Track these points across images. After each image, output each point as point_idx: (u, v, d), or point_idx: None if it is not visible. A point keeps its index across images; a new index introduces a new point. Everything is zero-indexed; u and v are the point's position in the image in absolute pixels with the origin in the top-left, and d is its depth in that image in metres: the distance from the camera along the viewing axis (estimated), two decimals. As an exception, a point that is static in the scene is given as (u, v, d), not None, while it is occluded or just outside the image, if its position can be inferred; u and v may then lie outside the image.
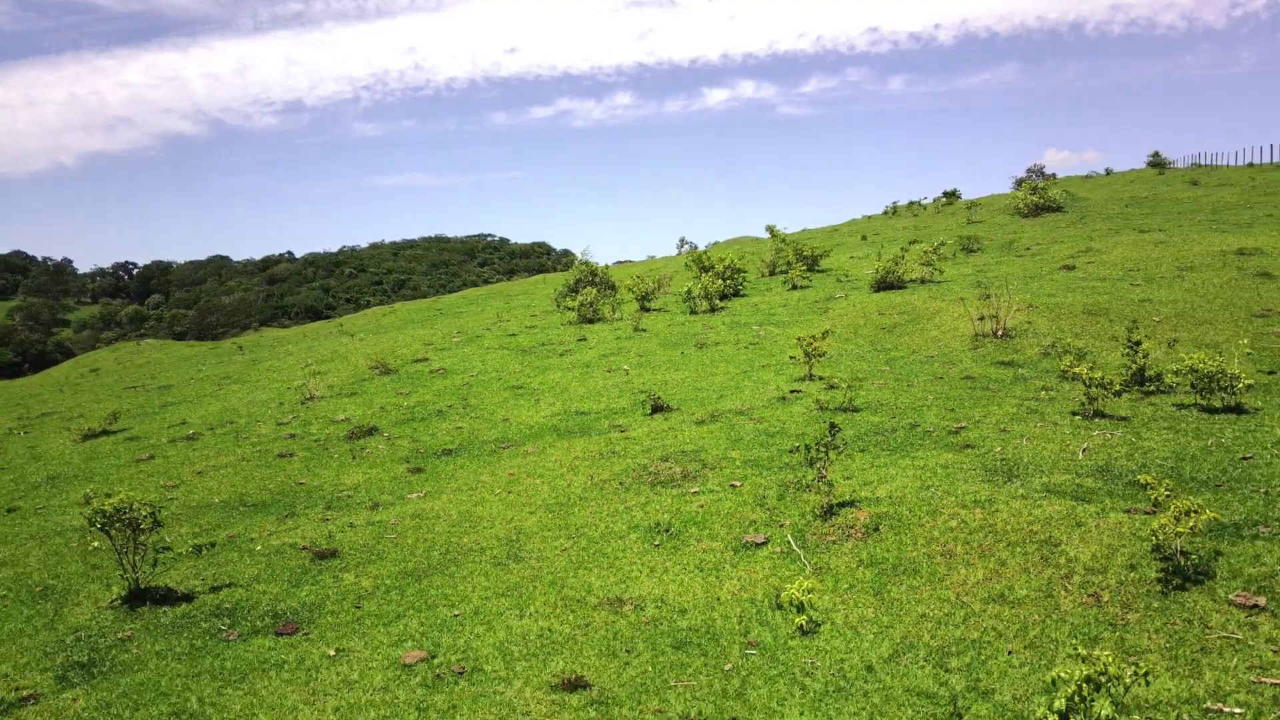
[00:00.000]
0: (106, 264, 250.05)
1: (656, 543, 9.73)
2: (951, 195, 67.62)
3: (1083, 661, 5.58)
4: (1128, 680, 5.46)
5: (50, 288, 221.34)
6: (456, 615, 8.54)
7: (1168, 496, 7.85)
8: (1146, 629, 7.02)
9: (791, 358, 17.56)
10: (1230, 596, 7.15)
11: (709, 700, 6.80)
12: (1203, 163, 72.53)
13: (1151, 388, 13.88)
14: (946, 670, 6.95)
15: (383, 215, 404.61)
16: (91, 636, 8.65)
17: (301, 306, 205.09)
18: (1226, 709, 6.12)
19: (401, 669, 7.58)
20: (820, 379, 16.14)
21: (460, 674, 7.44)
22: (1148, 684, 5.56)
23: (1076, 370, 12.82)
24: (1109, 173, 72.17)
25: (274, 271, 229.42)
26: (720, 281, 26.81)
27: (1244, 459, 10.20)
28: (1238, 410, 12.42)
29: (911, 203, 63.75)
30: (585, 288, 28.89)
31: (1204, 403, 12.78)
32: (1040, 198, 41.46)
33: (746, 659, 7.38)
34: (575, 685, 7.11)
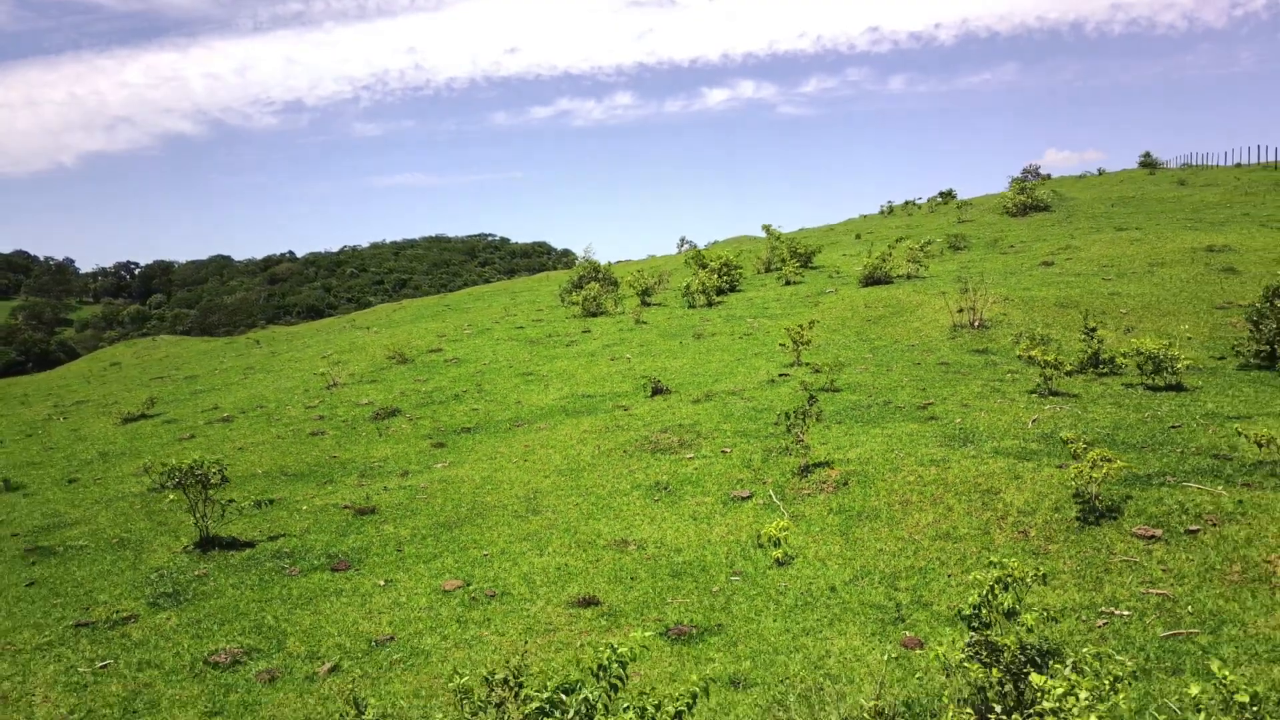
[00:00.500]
0: (107, 264, 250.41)
1: (656, 498, 11.21)
2: (947, 195, 69.00)
3: (994, 568, 7.04)
4: (1029, 580, 6.92)
5: (52, 287, 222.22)
6: (485, 555, 10.03)
7: (1084, 449, 9.32)
8: (1062, 555, 8.50)
9: (781, 346, 19.03)
10: (1133, 530, 8.63)
11: (699, 612, 8.28)
12: (1193, 163, 73.95)
13: (1105, 370, 15.36)
14: (896, 590, 8.43)
15: (383, 215, 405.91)
16: (172, 574, 10.13)
17: (303, 306, 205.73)
18: (1119, 612, 7.60)
19: (442, 594, 9.07)
20: (807, 365, 17.61)
21: (492, 597, 8.92)
22: (1045, 583, 7.03)
23: (1033, 354, 14.31)
24: (1101, 173, 73.58)
25: (275, 271, 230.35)
26: (717, 277, 28.29)
27: (1172, 427, 11.68)
28: (1178, 388, 13.90)
29: (906, 202, 65.15)
30: (589, 283, 30.40)
31: (1149, 382, 14.26)
32: (1028, 197, 42.92)
33: (731, 584, 8.86)
34: (589, 603, 8.59)
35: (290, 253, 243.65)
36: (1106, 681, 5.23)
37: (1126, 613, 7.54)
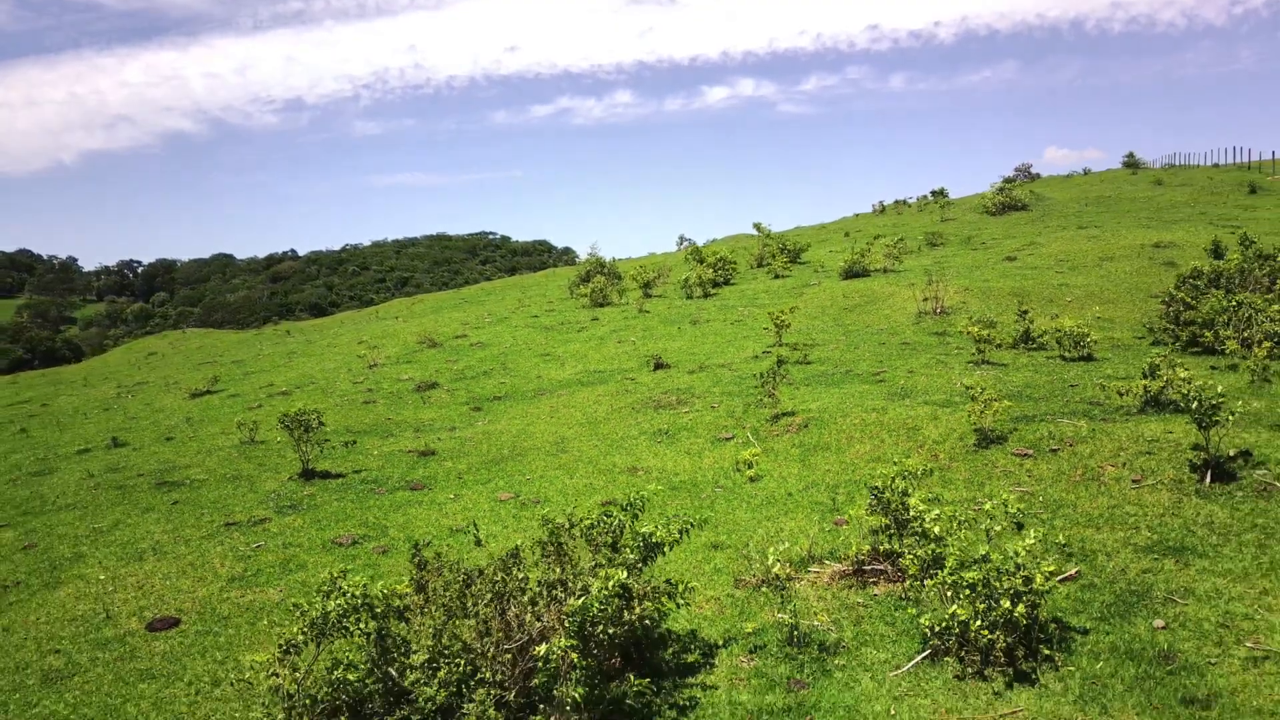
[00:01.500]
0: (107, 262, 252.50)
1: (659, 440, 14.31)
2: (938, 194, 71.95)
3: (895, 465, 10.11)
4: (918, 473, 9.99)
5: (56, 286, 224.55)
6: (528, 479, 13.13)
7: (981, 394, 12.41)
8: (959, 468, 11.58)
9: (765, 329, 22.11)
10: (1013, 450, 11.72)
11: (692, 510, 11.37)
12: (1176, 163, 77.03)
13: (1034, 345, 18.46)
14: (835, 494, 11.51)
15: (383, 214, 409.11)
16: (285, 494, 13.23)
17: (306, 304, 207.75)
18: (991, 501, 10.67)
19: (498, 502, 12.17)
20: (786, 345, 20.69)
21: (536, 503, 12.02)
22: (931, 475, 10.11)
23: (970, 331, 17.41)
24: (1087, 172, 76.62)
25: (278, 269, 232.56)
26: (712, 272, 31.39)
27: (1071, 386, 14.78)
28: (1088, 359, 16.99)
29: (897, 202, 68.13)
30: (596, 277, 33.49)
31: (1066, 354, 17.36)
32: (1006, 198, 46.00)
33: (715, 493, 11.96)
34: (611, 504, 11.67)
35: (292, 251, 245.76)
36: (949, 512, 8.35)
37: (994, 501, 10.62)
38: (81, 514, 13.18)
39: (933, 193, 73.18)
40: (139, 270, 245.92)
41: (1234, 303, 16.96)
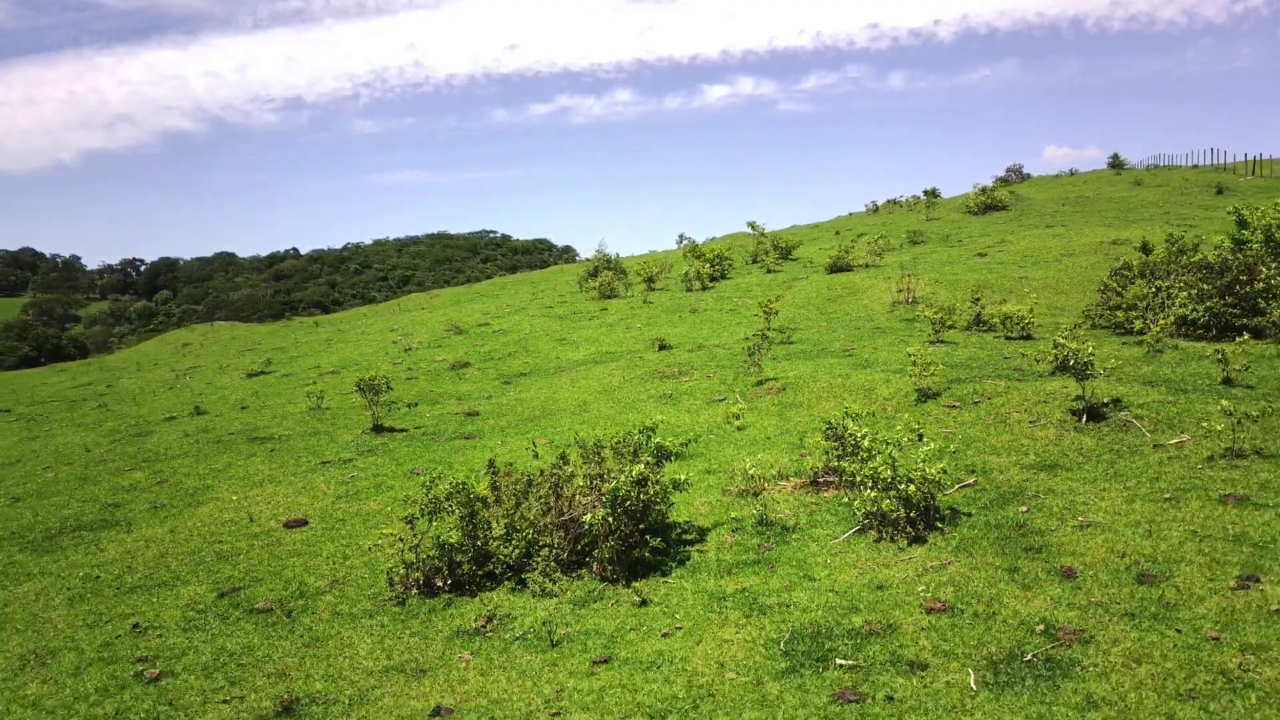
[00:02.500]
0: (108, 260, 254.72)
1: (663, 402, 17.53)
2: (930, 194, 75.14)
3: (845, 409, 13.31)
4: (863, 415, 13.20)
5: (60, 284, 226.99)
6: (559, 430, 16.36)
7: (922, 361, 15.61)
8: (902, 417, 14.77)
9: (755, 316, 25.32)
10: (945, 403, 14.93)
11: (688, 448, 14.58)
12: (1161, 164, 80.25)
13: (984, 327, 21.68)
14: (803, 438, 14.70)
15: (384, 212, 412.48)
16: (361, 444, 16.45)
17: (309, 301, 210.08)
18: (926, 435, 13.86)
19: (535, 444, 15.38)
20: (774, 329, 23.91)
21: (568, 446, 15.23)
22: (874, 417, 13.30)
23: (927, 314, 20.63)
24: (1073, 173, 79.84)
25: (280, 268, 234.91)
26: (710, 267, 34.63)
27: (1004, 358, 17.99)
28: (1027, 338, 20.21)
29: (889, 201, 71.24)
30: (603, 272, 36.72)
31: (1009, 335, 20.58)
32: (988, 198, 49.25)
33: (709, 437, 15.18)
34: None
35: (294, 249, 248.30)
36: (877, 434, 11.58)
37: (913, 433, 13.84)
38: (195, 460, 16.41)
39: (924, 192, 76.42)
40: (142, 269, 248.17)
41: (1152, 289, 20.19)
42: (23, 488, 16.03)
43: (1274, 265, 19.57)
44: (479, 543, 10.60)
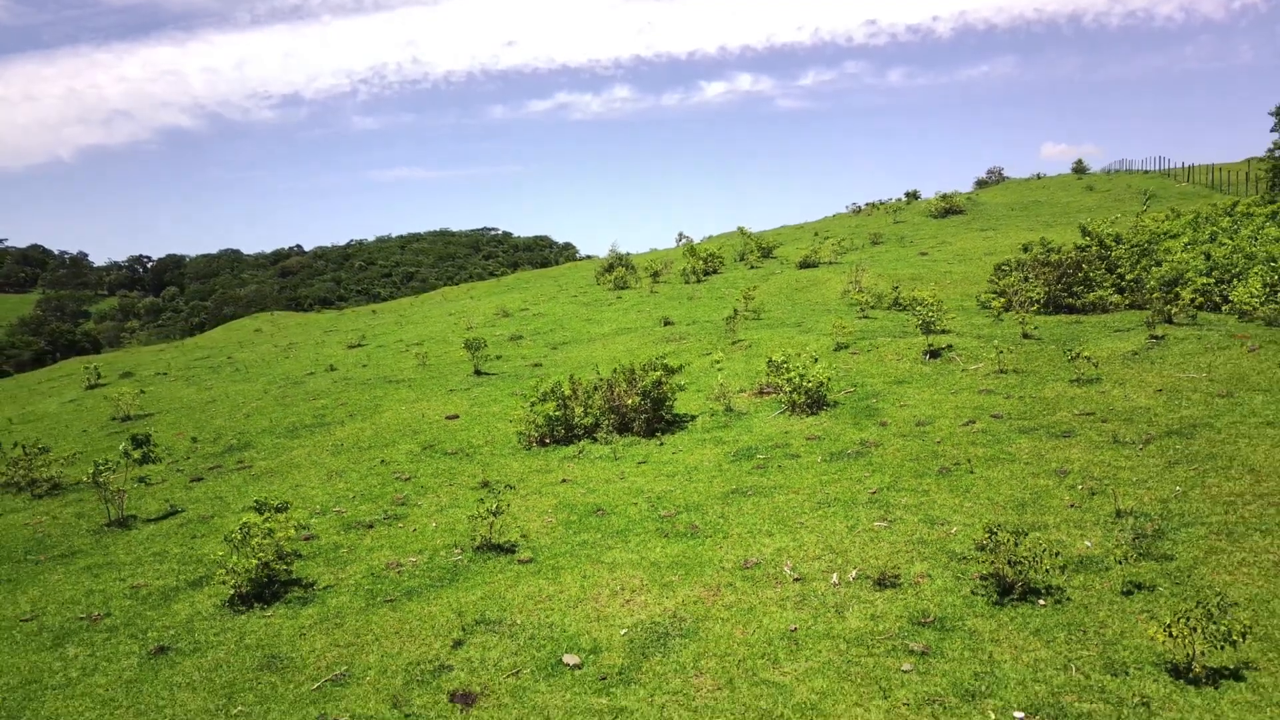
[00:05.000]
0: (115, 257, 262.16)
1: (669, 350, 26.37)
2: (912, 195, 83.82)
3: (784, 353, 22.06)
4: (792, 354, 21.98)
5: (69, 280, 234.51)
6: (603, 367, 25.19)
7: (840, 326, 24.38)
8: (823, 360, 23.61)
9: (737, 301, 34.13)
10: (850, 351, 23.74)
11: (682, 374, 23.41)
12: (1120, 170, 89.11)
13: (901, 308, 30.49)
14: (758, 374, 23.53)
15: (384, 208, 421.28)
16: (468, 381, 25.24)
17: (315, 298, 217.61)
18: (831, 370, 22.68)
19: (597, 367, 24.23)
20: (749, 310, 32.71)
21: (614, 370, 24.09)
22: (800, 357, 22.10)
23: (855, 298, 29.46)
24: (1039, 177, 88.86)
25: (286, 264, 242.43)
26: (703, 264, 43.45)
27: (902, 326, 26.81)
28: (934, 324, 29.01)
29: (869, 204, 79.97)
30: (617, 268, 45.55)
31: (915, 313, 29.39)
32: (947, 203, 58.09)
33: (698, 374, 24.00)
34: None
35: (298, 246, 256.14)
36: (793, 360, 20.45)
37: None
38: (357, 392, 25.18)
39: (905, 194, 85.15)
40: (149, 265, 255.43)
41: (1013, 279, 29.00)
42: (242, 410, 24.84)
43: (1099, 263, 28.48)
44: (568, 417, 19.40)
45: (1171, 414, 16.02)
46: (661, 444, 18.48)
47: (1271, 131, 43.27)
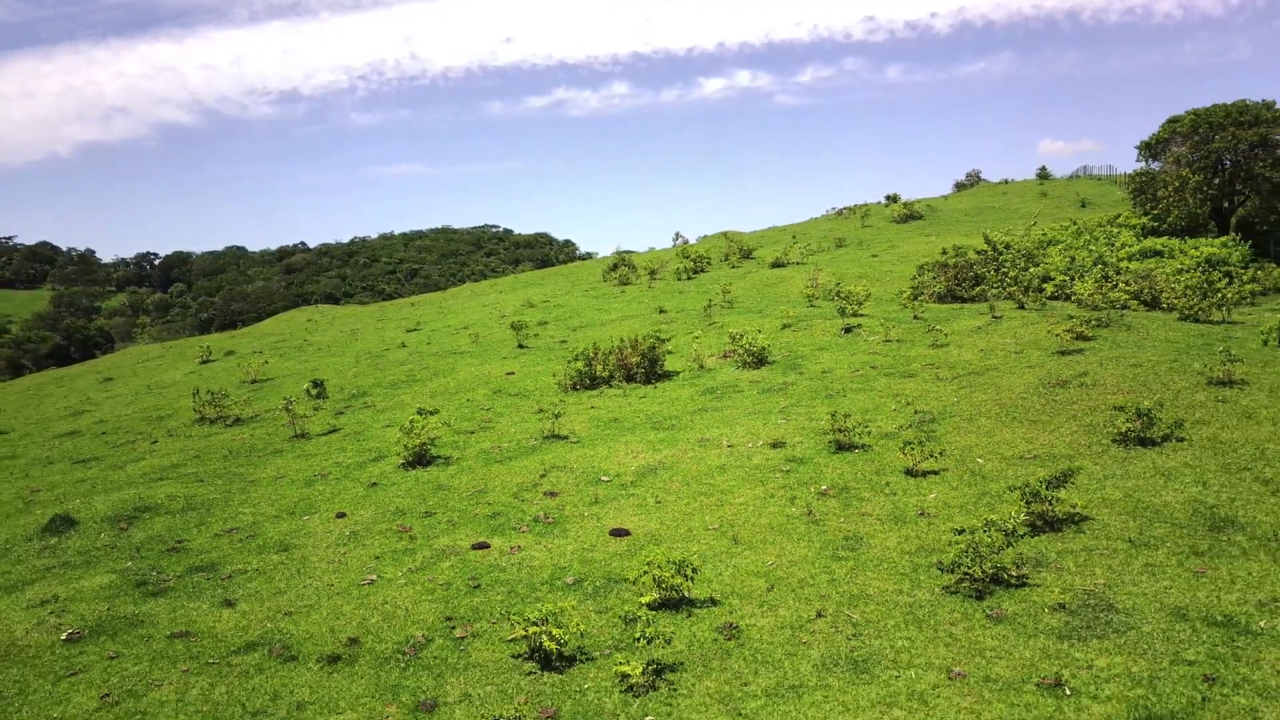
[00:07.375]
0: (122, 254, 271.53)
1: (661, 329, 36.23)
2: (892, 198, 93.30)
3: (743, 330, 31.77)
4: (752, 332, 31.74)
5: (78, 277, 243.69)
6: (613, 342, 35.04)
7: (787, 313, 34.15)
8: (774, 335, 33.42)
9: (717, 294, 43.92)
10: (792, 330, 33.55)
11: (671, 341, 33.25)
12: (1081, 175, 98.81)
13: (838, 299, 40.29)
14: (727, 346, 33.37)
15: (383, 205, 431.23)
16: (514, 354, 35.06)
17: (322, 294, 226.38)
18: (772, 341, 32.46)
19: (613, 339, 34.08)
20: (725, 301, 42.48)
21: (621, 340, 33.96)
22: (760, 334, 31.87)
23: (807, 292, 39.30)
24: (1006, 182, 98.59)
25: (291, 261, 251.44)
26: (693, 264, 53.29)
27: (838, 311, 36.64)
28: (859, 304, 38.87)
29: (846, 208, 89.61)
30: (620, 267, 55.35)
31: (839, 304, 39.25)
32: (908, 210, 67.88)
33: (684, 344, 33.84)
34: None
35: (303, 243, 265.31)
36: (751, 334, 30.35)
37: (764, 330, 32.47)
38: (433, 360, 34.93)
39: (887, 196, 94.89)
40: (156, 262, 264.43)
41: (927, 277, 38.82)
42: (347, 373, 34.62)
43: (991, 265, 38.38)
44: (592, 371, 29.17)
45: (979, 363, 25.82)
46: (655, 387, 28.26)
47: (1137, 161, 52.64)
